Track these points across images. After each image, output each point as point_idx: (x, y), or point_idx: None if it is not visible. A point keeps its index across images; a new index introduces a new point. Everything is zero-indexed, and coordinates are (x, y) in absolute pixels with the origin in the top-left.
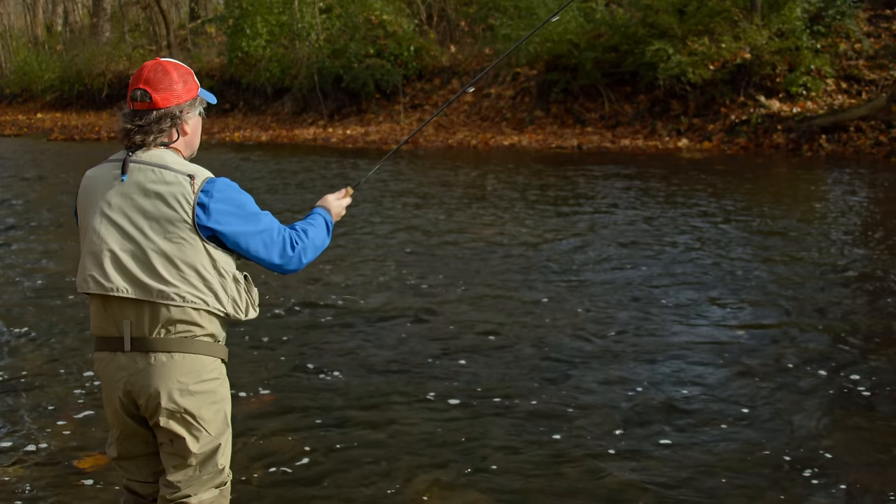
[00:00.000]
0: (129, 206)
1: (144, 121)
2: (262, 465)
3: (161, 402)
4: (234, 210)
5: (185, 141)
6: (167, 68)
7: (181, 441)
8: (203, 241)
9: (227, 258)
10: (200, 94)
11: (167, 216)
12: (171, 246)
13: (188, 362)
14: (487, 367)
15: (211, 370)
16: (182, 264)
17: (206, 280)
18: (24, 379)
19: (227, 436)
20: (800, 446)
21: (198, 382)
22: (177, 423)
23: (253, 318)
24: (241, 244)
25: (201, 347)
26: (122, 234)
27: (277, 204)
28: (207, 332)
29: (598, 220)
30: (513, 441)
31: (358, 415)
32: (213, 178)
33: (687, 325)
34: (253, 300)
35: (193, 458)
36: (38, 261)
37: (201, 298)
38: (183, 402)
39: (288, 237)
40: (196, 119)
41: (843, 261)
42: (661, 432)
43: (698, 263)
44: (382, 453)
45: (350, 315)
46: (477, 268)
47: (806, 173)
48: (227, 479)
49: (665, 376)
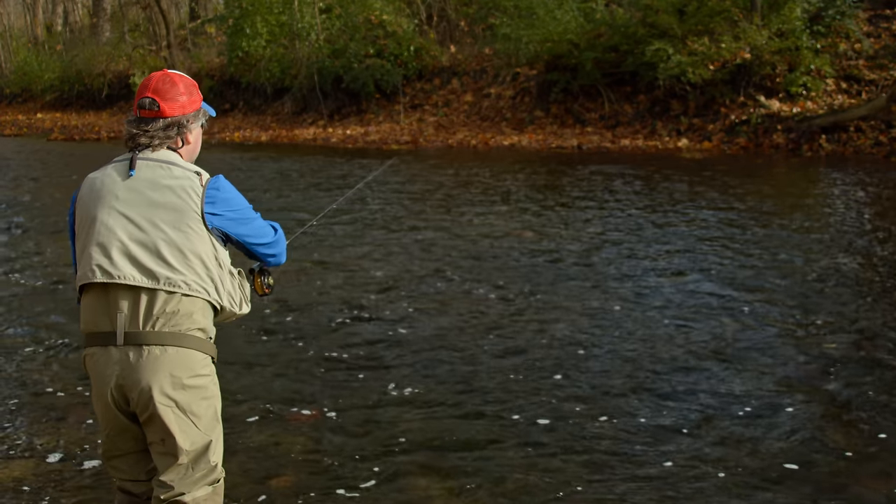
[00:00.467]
0: (139, 198)
1: (151, 128)
2: (325, 487)
3: (154, 396)
4: (237, 200)
5: (188, 150)
6: (175, 80)
7: (172, 439)
8: (209, 231)
9: (224, 252)
10: (203, 107)
11: (177, 206)
12: (179, 235)
13: (181, 356)
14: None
15: (203, 366)
16: (190, 253)
17: (209, 270)
18: (24, 378)
19: (217, 432)
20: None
21: (191, 377)
22: (168, 416)
23: (246, 312)
24: (241, 233)
25: (194, 342)
26: (132, 224)
27: (279, 202)
28: (200, 325)
29: (628, 220)
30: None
31: (437, 434)
32: (216, 176)
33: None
34: (246, 295)
35: (185, 455)
36: (41, 261)
37: (204, 288)
38: (175, 395)
39: (268, 223)
40: (198, 130)
41: (847, 261)
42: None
43: (752, 268)
44: (476, 480)
45: (422, 326)
46: (533, 274)
47: (808, 173)
48: (220, 477)
49: (770, 389)
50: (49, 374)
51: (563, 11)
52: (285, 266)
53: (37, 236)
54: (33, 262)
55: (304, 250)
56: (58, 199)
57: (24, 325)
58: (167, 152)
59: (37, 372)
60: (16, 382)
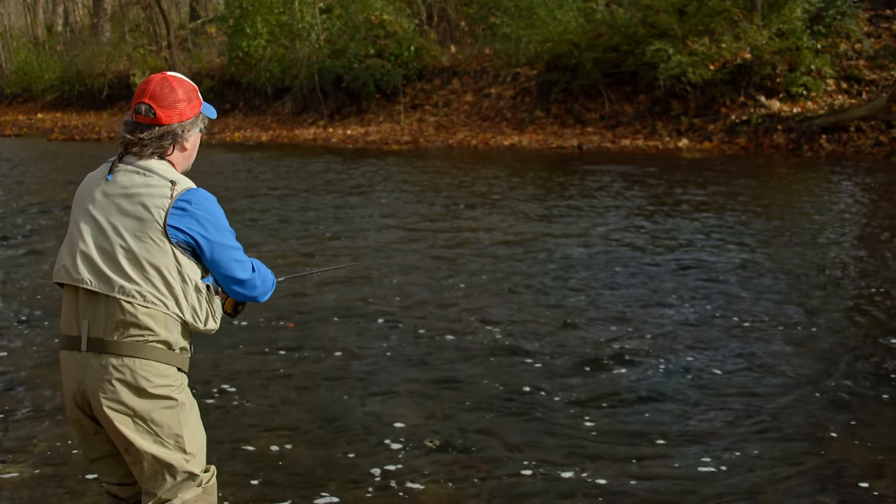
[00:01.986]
0: (110, 204)
1: (146, 135)
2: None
3: (111, 405)
4: (209, 219)
5: (184, 156)
6: (173, 85)
7: (134, 448)
8: (172, 244)
9: (192, 266)
10: (203, 111)
11: (141, 216)
12: (139, 245)
13: (140, 367)
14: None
15: (165, 376)
16: (147, 265)
17: (169, 284)
18: (24, 379)
19: (188, 441)
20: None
21: (152, 387)
22: (127, 425)
23: (212, 329)
24: (211, 253)
25: (154, 353)
26: (97, 229)
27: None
28: (161, 338)
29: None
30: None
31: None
32: (195, 189)
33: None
34: (214, 311)
35: (151, 463)
36: (40, 260)
37: (161, 301)
38: (133, 404)
39: (250, 260)
40: (196, 136)
41: (847, 261)
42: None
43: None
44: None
45: (475, 334)
46: (592, 274)
47: (808, 173)
48: (210, 477)
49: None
50: (50, 374)
51: (563, 11)
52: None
53: (40, 236)
54: (32, 262)
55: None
56: (61, 199)
57: (24, 325)
58: (152, 160)
59: (38, 371)
60: (16, 382)
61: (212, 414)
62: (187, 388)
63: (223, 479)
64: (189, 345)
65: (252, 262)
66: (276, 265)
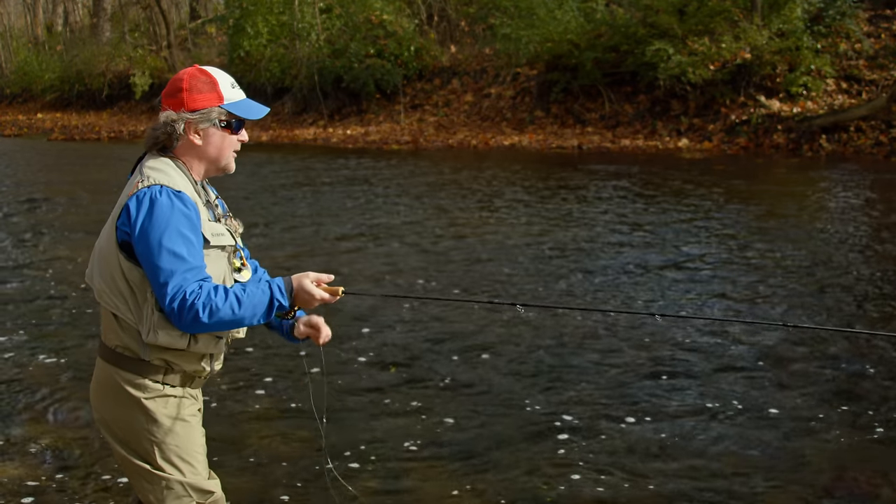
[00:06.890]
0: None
1: (154, 125)
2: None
3: (97, 411)
4: (147, 224)
5: (197, 153)
6: (184, 76)
7: (119, 454)
8: (117, 244)
9: (133, 269)
10: (225, 107)
11: (112, 215)
12: (105, 245)
13: (108, 373)
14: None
15: (136, 385)
16: (106, 265)
17: (118, 285)
18: (25, 378)
19: (169, 454)
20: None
21: (125, 397)
22: (109, 433)
23: (155, 342)
24: (143, 263)
25: (120, 361)
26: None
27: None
28: (123, 343)
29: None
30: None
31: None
32: (155, 187)
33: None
34: (157, 322)
35: (142, 473)
36: (47, 263)
37: (114, 303)
38: (106, 413)
39: (192, 285)
40: (214, 131)
41: (848, 261)
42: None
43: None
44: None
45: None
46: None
47: (808, 173)
48: (213, 498)
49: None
50: (51, 372)
51: (563, 11)
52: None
53: (40, 237)
54: (38, 264)
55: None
56: (62, 200)
57: (24, 325)
58: (156, 159)
59: (38, 370)
60: (17, 381)
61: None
62: (168, 400)
63: None
64: (178, 359)
65: (202, 289)
66: (285, 267)
